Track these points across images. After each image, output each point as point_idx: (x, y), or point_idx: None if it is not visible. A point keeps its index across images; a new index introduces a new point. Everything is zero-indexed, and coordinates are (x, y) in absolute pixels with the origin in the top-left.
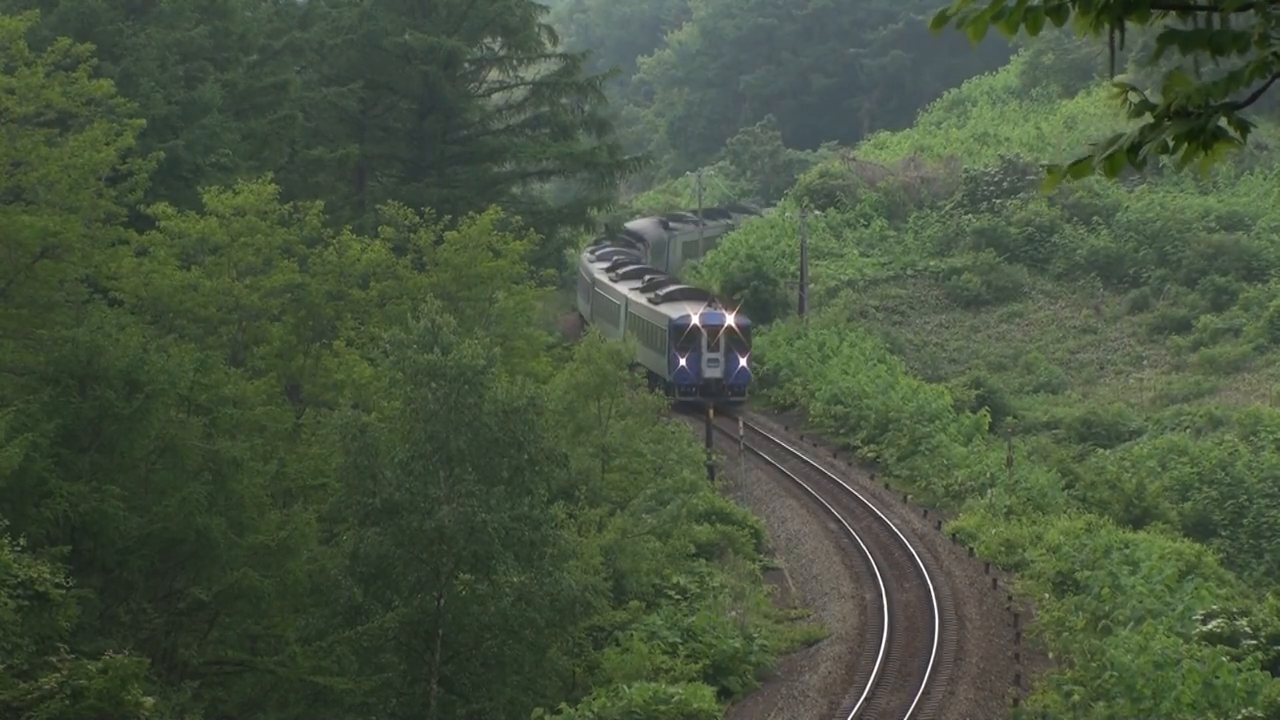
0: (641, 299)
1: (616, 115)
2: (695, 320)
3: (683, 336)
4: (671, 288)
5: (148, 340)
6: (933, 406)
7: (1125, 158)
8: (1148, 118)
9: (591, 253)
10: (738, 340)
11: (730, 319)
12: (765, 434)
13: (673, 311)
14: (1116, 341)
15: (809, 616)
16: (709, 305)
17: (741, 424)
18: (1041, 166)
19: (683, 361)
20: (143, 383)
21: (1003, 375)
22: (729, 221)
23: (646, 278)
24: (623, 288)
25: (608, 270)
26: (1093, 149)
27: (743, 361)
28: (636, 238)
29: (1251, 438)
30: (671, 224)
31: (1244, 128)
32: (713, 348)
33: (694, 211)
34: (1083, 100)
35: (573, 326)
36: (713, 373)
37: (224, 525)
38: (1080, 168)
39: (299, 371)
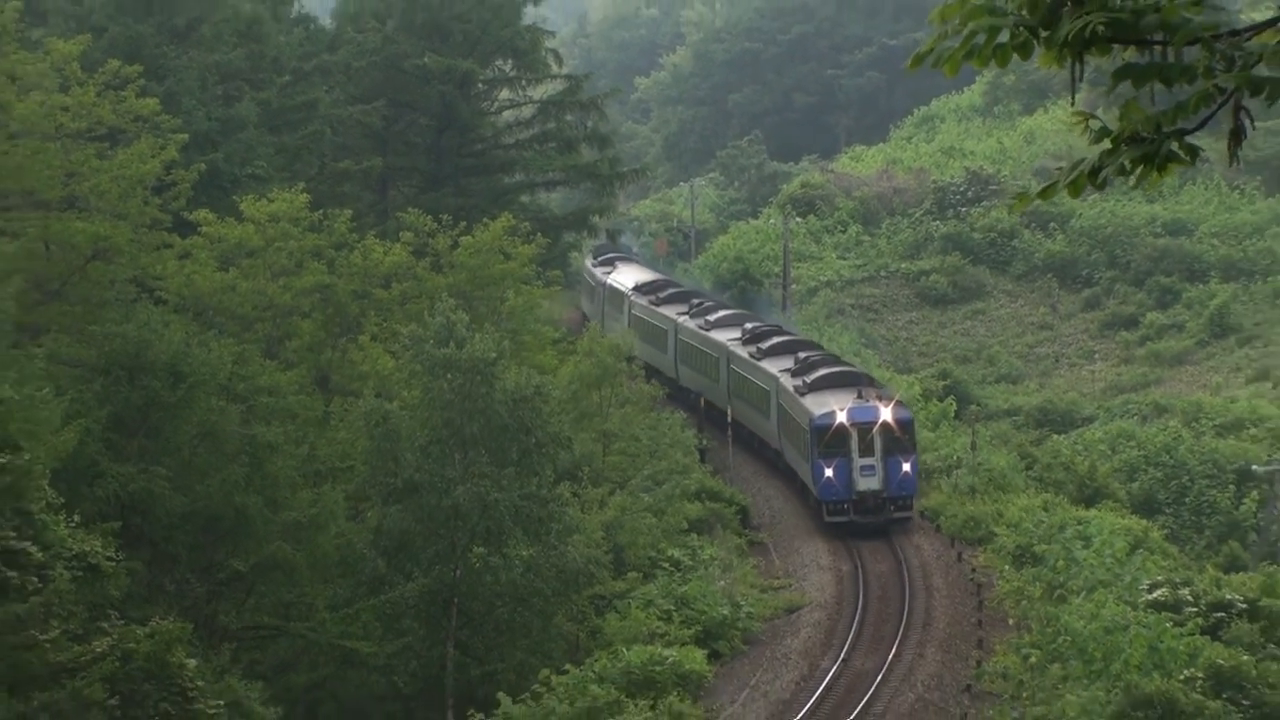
0: (789, 385)
1: (616, 131)
2: (842, 418)
3: (826, 439)
4: (820, 372)
5: (190, 335)
6: (904, 396)
7: (1087, 180)
8: (1106, 143)
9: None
10: (898, 441)
11: (886, 413)
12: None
13: (815, 406)
14: (1071, 337)
15: (790, 586)
16: (858, 396)
17: (730, 413)
18: (1004, 179)
19: (829, 472)
20: (186, 374)
21: (967, 367)
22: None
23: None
24: (769, 367)
25: (747, 347)
26: (1058, 173)
27: (906, 466)
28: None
29: (1193, 424)
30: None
31: (1193, 151)
32: (866, 452)
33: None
34: (1040, 117)
35: (576, 323)
36: (868, 484)
37: (260, 503)
38: (1047, 191)
39: (327, 364)
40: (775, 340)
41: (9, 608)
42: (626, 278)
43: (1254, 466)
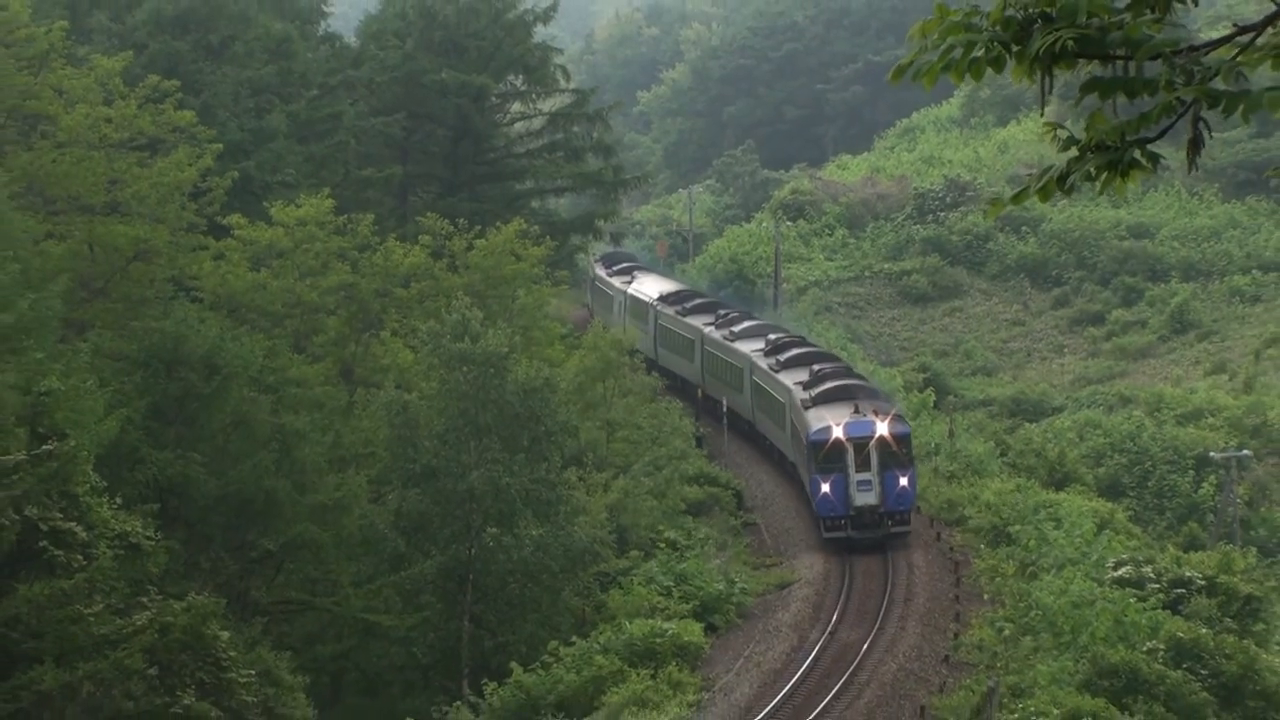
0: (799, 399)
1: (620, 141)
2: (839, 433)
3: (823, 454)
4: (827, 385)
5: (224, 331)
6: (885, 388)
7: (1055, 185)
8: (1073, 151)
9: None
10: (894, 455)
11: (883, 427)
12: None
13: (815, 421)
14: (1041, 332)
15: (781, 564)
16: (855, 411)
17: (725, 403)
18: (980, 184)
19: (825, 487)
20: (220, 366)
21: (945, 360)
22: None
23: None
24: (785, 379)
25: (768, 359)
26: (1029, 180)
27: (903, 481)
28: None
29: (1155, 414)
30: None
31: (1154, 159)
32: (862, 467)
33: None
34: (1013, 128)
35: (582, 320)
36: (865, 499)
37: (289, 487)
38: (1019, 197)
39: (351, 357)
40: (794, 352)
41: (56, 583)
42: (650, 287)
43: (1211, 453)
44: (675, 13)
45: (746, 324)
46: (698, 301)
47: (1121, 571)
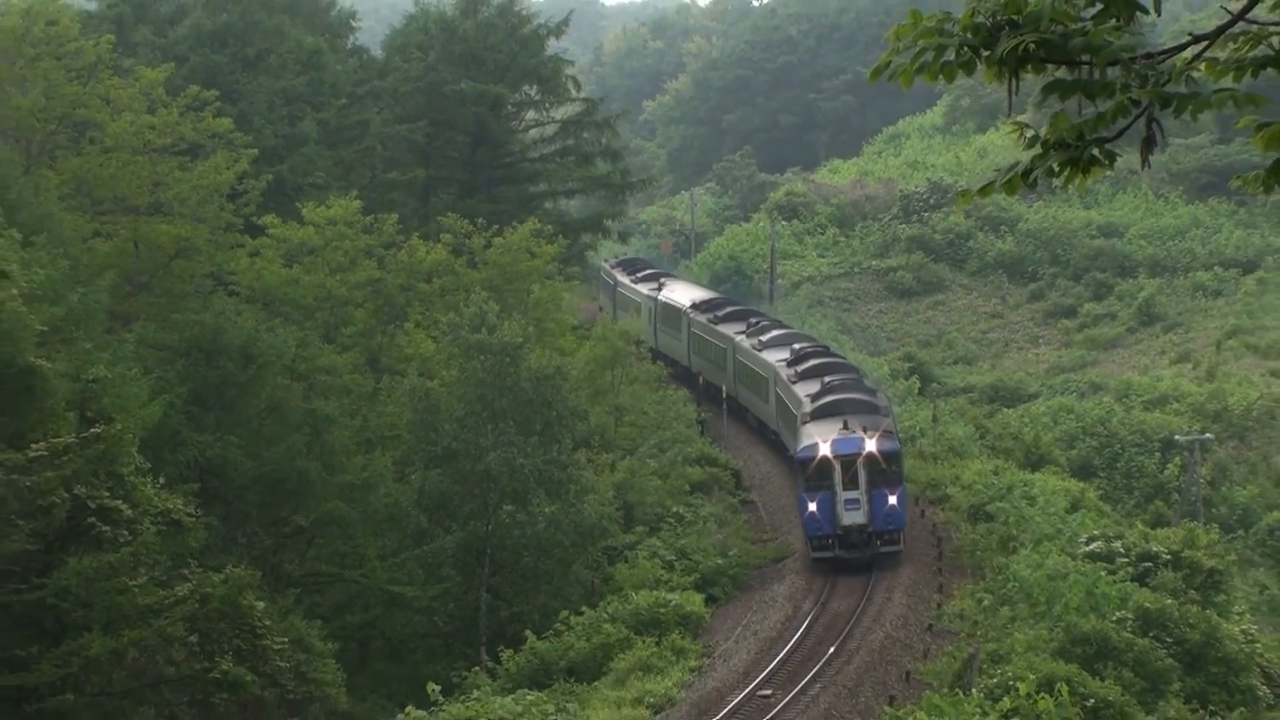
0: (803, 412)
1: (627, 147)
2: (825, 450)
3: (809, 472)
4: (827, 399)
5: (259, 322)
6: (872, 376)
7: (1020, 180)
8: (1038, 149)
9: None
10: (883, 473)
11: (871, 444)
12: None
13: (805, 437)
14: (1018, 324)
15: (777, 539)
16: (844, 427)
17: (725, 390)
18: (960, 188)
19: (812, 506)
20: (255, 356)
21: (929, 350)
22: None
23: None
24: (799, 390)
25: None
26: (996, 174)
27: (892, 499)
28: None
29: (1124, 400)
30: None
31: (1111, 156)
32: (850, 485)
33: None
34: (992, 135)
35: (592, 313)
36: (853, 518)
37: (319, 467)
38: (985, 189)
39: (377, 347)
40: (812, 363)
41: (103, 557)
42: (681, 295)
43: (1176, 436)
44: (678, 27)
45: (775, 333)
46: (730, 309)
47: (1093, 547)
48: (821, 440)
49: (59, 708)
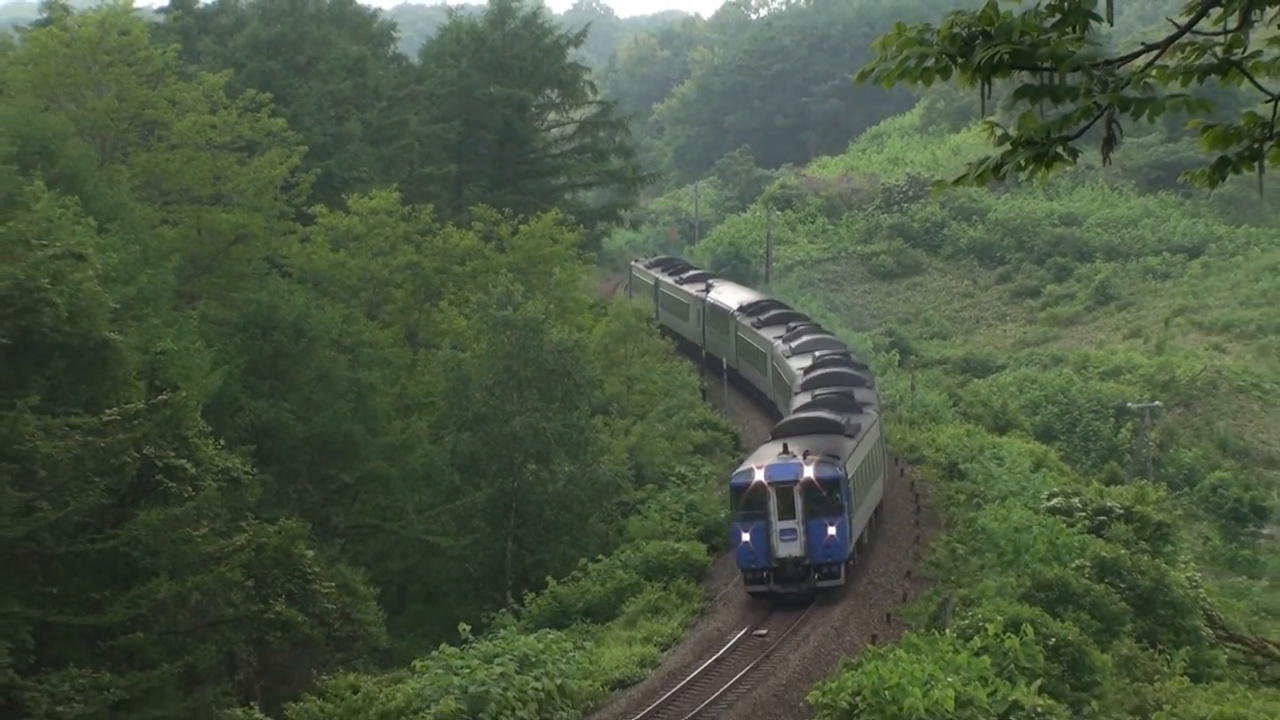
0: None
1: (638, 144)
2: (760, 476)
3: (743, 500)
4: (798, 416)
5: (309, 301)
6: (858, 350)
7: (990, 173)
8: (1007, 146)
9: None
10: (822, 502)
11: (809, 470)
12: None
13: (749, 460)
14: (987, 304)
15: None
16: (783, 450)
17: (725, 362)
18: (935, 181)
19: (746, 536)
20: (306, 331)
21: (908, 327)
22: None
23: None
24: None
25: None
26: (969, 168)
27: (831, 530)
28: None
29: (1082, 371)
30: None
31: (1074, 153)
32: (785, 514)
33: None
34: (965, 135)
35: (606, 292)
36: (789, 549)
37: (363, 430)
38: (960, 181)
39: (415, 323)
40: (824, 371)
41: (169, 510)
42: (729, 298)
43: (1129, 404)
44: (684, 38)
45: (805, 338)
46: (773, 313)
47: (1053, 502)
48: (756, 466)
49: (129, 645)
